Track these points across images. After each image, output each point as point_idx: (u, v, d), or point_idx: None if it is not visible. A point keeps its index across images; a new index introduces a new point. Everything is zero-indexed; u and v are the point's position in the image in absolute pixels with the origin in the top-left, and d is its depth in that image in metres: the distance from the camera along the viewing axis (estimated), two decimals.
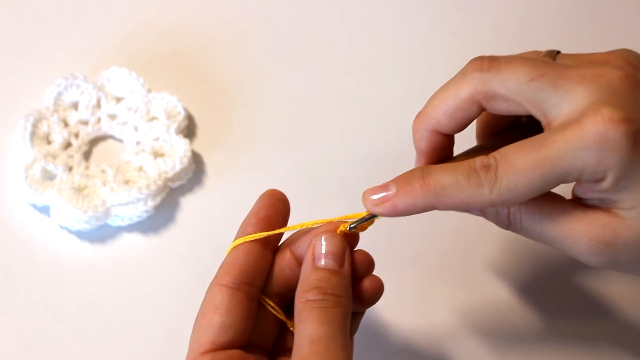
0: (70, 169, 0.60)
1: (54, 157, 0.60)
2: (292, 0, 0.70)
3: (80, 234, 0.59)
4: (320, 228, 0.46)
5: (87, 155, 0.62)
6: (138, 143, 0.62)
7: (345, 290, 0.45)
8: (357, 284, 0.46)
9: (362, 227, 0.46)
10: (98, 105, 0.63)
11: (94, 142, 0.63)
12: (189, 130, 0.63)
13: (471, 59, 0.45)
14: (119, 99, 0.63)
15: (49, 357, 0.55)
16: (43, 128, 0.61)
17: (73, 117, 0.62)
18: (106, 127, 0.63)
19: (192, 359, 0.44)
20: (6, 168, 0.61)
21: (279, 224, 0.48)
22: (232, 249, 0.47)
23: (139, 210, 0.59)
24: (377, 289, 0.47)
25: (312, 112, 0.65)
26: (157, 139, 0.62)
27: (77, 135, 0.62)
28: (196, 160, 0.62)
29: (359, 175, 0.62)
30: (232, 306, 0.44)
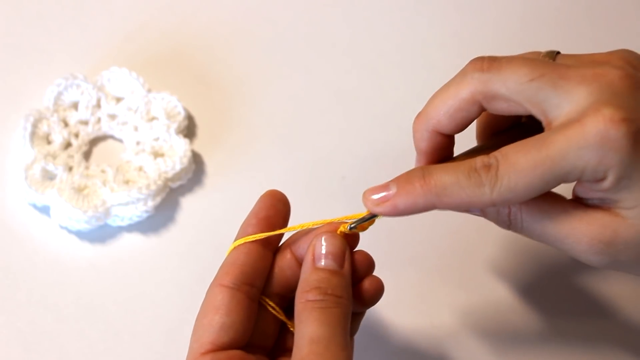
0: (70, 169, 0.60)
1: (54, 157, 0.60)
2: (292, 0, 0.70)
3: (80, 234, 0.59)
4: (321, 228, 0.46)
5: (87, 155, 0.62)
6: (138, 143, 0.62)
7: (346, 291, 0.45)
8: (357, 284, 0.46)
9: (363, 227, 0.46)
10: (98, 105, 0.63)
11: (94, 142, 0.63)
12: (189, 130, 0.63)
13: (471, 59, 0.45)
14: (119, 99, 0.63)
15: (49, 357, 0.55)
16: (43, 128, 0.61)
17: (73, 117, 0.62)
18: (106, 127, 0.63)
19: (192, 359, 0.44)
20: (6, 168, 0.61)
21: (280, 225, 0.48)
22: (233, 250, 0.47)
23: (139, 210, 0.59)
24: (378, 289, 0.47)
25: (312, 112, 0.65)
26: (157, 139, 0.62)
27: (77, 135, 0.62)
28: (196, 160, 0.62)
29: (359, 175, 0.62)
30: (232, 306, 0.44)
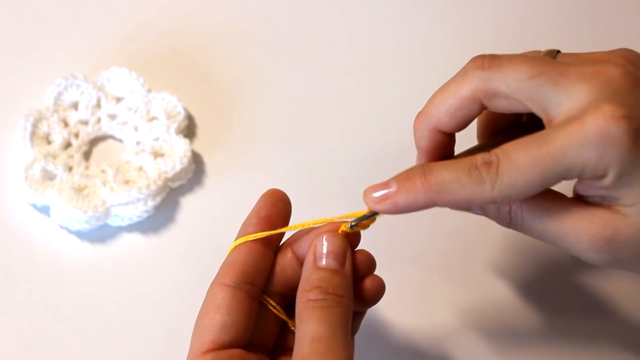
0: (70, 169, 0.60)
1: (54, 157, 0.60)
2: (292, 0, 0.70)
3: (80, 234, 0.59)
4: (322, 228, 0.46)
5: (87, 155, 0.62)
6: (138, 143, 0.62)
7: (347, 290, 0.45)
8: (358, 283, 0.46)
9: (364, 225, 0.46)
10: (98, 105, 0.63)
11: (94, 142, 0.63)
12: (189, 130, 0.63)
13: (472, 57, 0.45)
14: (119, 99, 0.63)
15: (49, 357, 0.55)
16: (43, 128, 0.61)
17: (73, 117, 0.62)
18: (106, 127, 0.63)
19: (193, 358, 0.44)
20: (6, 168, 0.61)
21: (280, 224, 0.48)
22: (234, 249, 0.47)
23: (139, 210, 0.58)
24: (379, 288, 0.47)
25: (312, 112, 0.65)
26: (157, 139, 0.62)
27: (77, 135, 0.62)
28: (196, 160, 0.62)
29: (359, 175, 0.62)
30: (233, 305, 0.44)
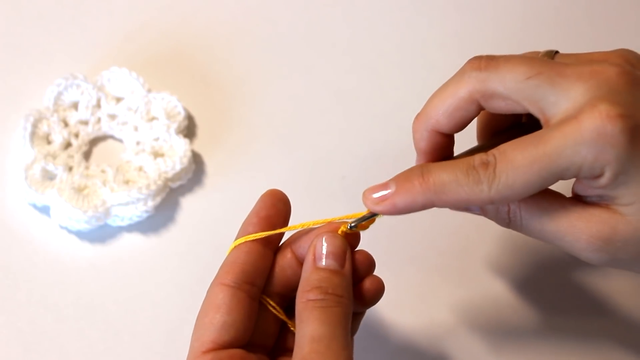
0: (70, 169, 0.60)
1: (54, 157, 0.60)
2: (292, 0, 0.70)
3: (80, 234, 0.59)
4: (321, 228, 0.46)
5: (87, 155, 0.62)
6: (138, 143, 0.62)
7: (346, 290, 0.45)
8: (358, 284, 0.46)
9: (363, 226, 0.46)
10: (98, 105, 0.63)
11: (94, 142, 0.63)
12: (189, 130, 0.63)
13: (469, 58, 0.45)
14: (119, 99, 0.63)
15: (49, 357, 0.55)
16: (43, 128, 0.61)
17: (73, 117, 0.62)
18: (106, 127, 0.63)
19: (193, 357, 0.44)
20: (6, 168, 0.61)
21: (280, 224, 0.48)
22: (234, 249, 0.47)
23: (139, 210, 0.58)
24: (378, 289, 0.47)
25: (312, 112, 0.65)
26: (157, 139, 0.62)
27: (77, 135, 0.62)
28: (196, 160, 0.62)
29: (359, 175, 0.62)
30: (233, 305, 0.44)
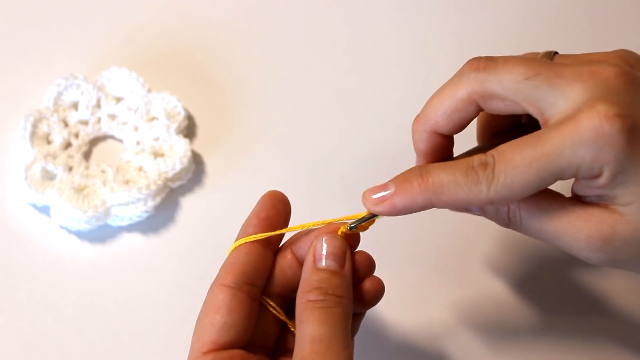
0: (70, 169, 0.60)
1: (54, 157, 0.60)
2: (292, 0, 0.70)
3: (80, 234, 0.59)
4: (321, 229, 0.47)
5: (87, 155, 0.62)
6: (138, 143, 0.62)
7: (346, 291, 0.45)
8: (358, 284, 0.46)
9: (363, 227, 0.46)
10: (98, 105, 0.63)
11: (94, 142, 0.63)
12: (189, 130, 0.63)
13: (468, 60, 0.45)
14: (119, 99, 0.63)
15: (49, 357, 0.55)
16: (43, 128, 0.61)
17: (73, 117, 0.62)
18: (106, 127, 0.63)
19: (194, 358, 0.44)
20: (6, 168, 0.61)
21: (280, 225, 0.48)
22: (234, 250, 0.47)
23: (139, 210, 0.58)
24: (378, 290, 0.47)
25: (312, 112, 0.65)
26: (157, 139, 0.62)
27: (77, 135, 0.62)
28: (196, 160, 0.62)
29: (359, 175, 0.62)
30: (233, 306, 0.45)
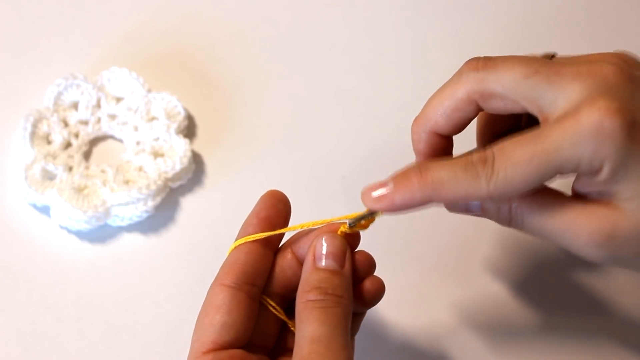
0: (70, 169, 0.60)
1: (54, 157, 0.60)
2: (292, 0, 0.70)
3: (80, 234, 0.59)
4: (321, 229, 0.46)
5: (87, 155, 0.62)
6: (138, 143, 0.62)
7: (346, 291, 0.45)
8: (358, 284, 0.46)
9: (363, 226, 0.46)
10: (98, 105, 0.63)
11: (94, 142, 0.63)
12: (189, 130, 0.63)
13: (467, 60, 0.45)
14: (119, 99, 0.63)
15: (49, 357, 0.55)
16: (43, 128, 0.61)
17: (73, 117, 0.62)
18: (106, 127, 0.63)
19: (194, 358, 0.44)
20: (6, 168, 0.61)
21: (280, 225, 0.48)
22: (234, 249, 0.47)
23: (139, 210, 0.58)
24: (378, 289, 0.47)
25: (312, 112, 0.65)
26: (157, 139, 0.62)
27: (77, 135, 0.62)
28: (196, 160, 0.62)
29: (359, 175, 0.62)
30: (233, 306, 0.45)
